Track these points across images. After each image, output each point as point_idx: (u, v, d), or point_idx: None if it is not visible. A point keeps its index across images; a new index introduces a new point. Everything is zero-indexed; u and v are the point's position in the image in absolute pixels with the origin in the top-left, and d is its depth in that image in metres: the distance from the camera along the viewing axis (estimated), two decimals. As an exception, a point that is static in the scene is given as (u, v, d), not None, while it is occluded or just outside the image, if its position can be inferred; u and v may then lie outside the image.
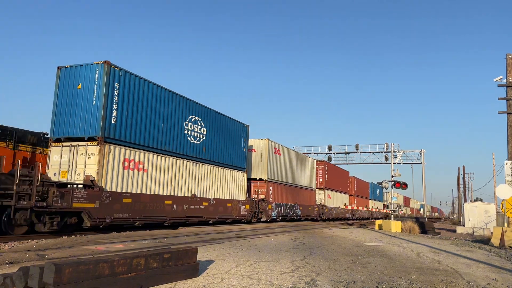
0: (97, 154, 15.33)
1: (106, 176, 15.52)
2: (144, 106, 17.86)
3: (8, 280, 5.03)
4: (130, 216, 16.38)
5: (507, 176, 21.27)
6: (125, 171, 16.47)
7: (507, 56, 22.24)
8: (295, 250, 11.61)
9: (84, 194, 14.43)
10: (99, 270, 5.25)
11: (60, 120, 16.44)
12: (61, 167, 15.84)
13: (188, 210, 20.16)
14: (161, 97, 18.96)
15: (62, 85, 16.65)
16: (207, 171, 22.29)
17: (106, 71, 15.83)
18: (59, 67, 16.83)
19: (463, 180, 62.25)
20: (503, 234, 17.38)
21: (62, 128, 16.32)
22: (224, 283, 6.57)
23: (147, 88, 18.12)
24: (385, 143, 53.22)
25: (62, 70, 16.75)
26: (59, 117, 16.48)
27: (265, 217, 28.84)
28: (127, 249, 10.34)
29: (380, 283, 7.16)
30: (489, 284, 7.69)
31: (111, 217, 15.48)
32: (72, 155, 15.82)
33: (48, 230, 13.61)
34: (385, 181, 29.87)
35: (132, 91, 17.19)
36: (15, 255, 8.94)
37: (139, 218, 16.86)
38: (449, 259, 11.33)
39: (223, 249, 11.02)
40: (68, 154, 15.90)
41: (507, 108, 21.98)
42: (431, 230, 29.88)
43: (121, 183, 16.24)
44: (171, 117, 19.56)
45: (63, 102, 16.50)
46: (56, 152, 16.20)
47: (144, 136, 17.79)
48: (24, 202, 12.71)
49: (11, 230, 13.12)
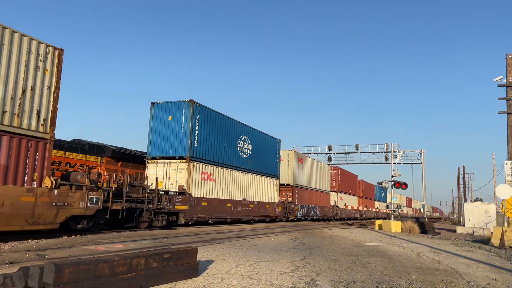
0: (186, 169, 20.76)
1: (192, 185, 20.85)
2: (213, 131, 23.23)
3: (8, 280, 5.03)
4: (206, 216, 21.69)
5: (507, 176, 21.24)
6: (202, 181, 21.82)
7: (507, 56, 22.22)
8: (295, 250, 11.60)
9: (181, 199, 19.72)
10: (99, 270, 5.25)
11: (154, 143, 21.71)
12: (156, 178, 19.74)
13: (241, 210, 25.58)
14: (223, 122, 24.40)
15: (155, 116, 21.91)
16: (252, 179, 27.84)
17: (190, 107, 21.21)
18: (152, 102, 22.09)
19: (463, 180, 62.25)
20: (503, 234, 17.37)
21: (157, 149, 21.58)
22: (224, 283, 6.57)
23: (215, 117, 23.49)
24: (385, 143, 53.15)
25: (155, 106, 22.01)
26: (154, 140, 21.76)
27: (292, 216, 33.60)
28: (127, 249, 10.34)
29: (380, 283, 7.16)
30: (489, 284, 7.69)
31: (195, 216, 20.77)
32: (165, 170, 21.19)
33: (160, 225, 18.63)
34: (385, 181, 29.85)
35: (206, 120, 22.58)
36: (15, 255, 8.94)
37: (212, 217, 22.23)
38: (449, 259, 11.33)
39: (223, 249, 11.02)
40: (162, 169, 21.24)
41: (507, 108, 21.97)
42: (431, 230, 29.86)
43: (200, 191, 21.54)
44: (229, 137, 25.02)
45: (157, 129, 21.80)
46: (152, 167, 21.57)
47: (213, 154, 23.11)
48: (150, 206, 17.71)
49: (138, 225, 17.75)
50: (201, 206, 21.23)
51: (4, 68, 12.05)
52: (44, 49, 13.44)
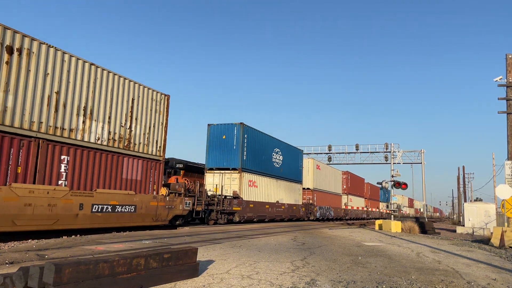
0: (238, 178, 26.21)
1: (242, 191, 26.18)
2: (256, 146, 28.57)
3: (8, 280, 5.03)
4: (252, 215, 27.28)
5: (507, 176, 21.23)
6: (249, 187, 27.14)
7: (507, 56, 22.21)
8: (295, 250, 11.60)
9: (236, 202, 25.30)
10: (99, 270, 5.25)
11: (211, 157, 27.04)
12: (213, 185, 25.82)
13: (275, 211, 30.94)
14: (263, 139, 29.85)
15: (212, 135, 27.14)
16: (282, 185, 32.93)
17: (241, 128, 26.58)
18: (209, 124, 27.56)
19: (463, 180, 62.24)
20: (503, 234, 17.37)
21: (214, 162, 26.96)
22: (224, 283, 6.57)
23: (257, 135, 28.96)
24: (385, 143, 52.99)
25: (211, 127, 27.43)
26: (211, 155, 27.07)
27: (312, 216, 38.57)
28: (127, 249, 10.34)
29: (380, 283, 7.16)
30: (489, 284, 7.69)
31: (246, 216, 26.30)
32: (221, 178, 26.55)
33: (223, 222, 24.10)
34: (385, 181, 29.84)
35: (251, 138, 27.86)
36: (15, 255, 8.94)
37: (256, 216, 27.76)
38: (449, 259, 11.33)
39: (223, 249, 11.02)
40: (218, 178, 26.63)
41: (507, 108, 21.96)
42: (431, 230, 29.85)
43: (247, 195, 26.94)
44: (267, 151, 30.44)
45: (213, 145, 26.97)
46: (209, 176, 26.92)
47: (256, 165, 28.51)
48: (218, 207, 23.62)
49: (208, 222, 23.54)
50: (249, 207, 26.78)
51: (140, 113, 17.59)
52: (160, 96, 18.84)
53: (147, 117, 17.97)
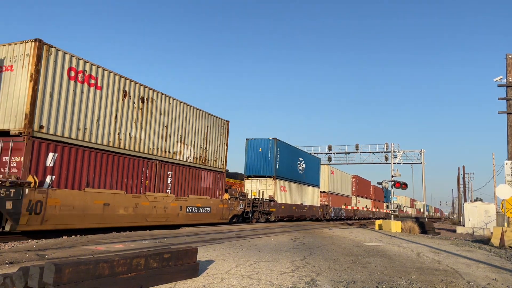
0: (272, 184, 31.04)
1: (276, 195, 30.99)
2: (286, 157, 33.47)
3: (8, 280, 5.02)
4: (284, 215, 32.10)
5: (507, 176, 21.23)
6: (280, 192, 31.95)
7: (507, 56, 22.21)
8: (295, 250, 11.60)
9: (272, 204, 30.05)
10: (99, 270, 5.25)
11: (249, 166, 31.89)
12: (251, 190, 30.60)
13: (300, 211, 35.55)
14: (291, 150, 35.03)
15: (249, 148, 32.05)
16: (305, 189, 37.75)
17: (275, 142, 31.61)
18: (247, 139, 32.69)
19: (463, 180, 62.22)
20: (503, 234, 17.37)
21: (251, 170, 31.79)
22: (224, 283, 6.57)
23: (287, 147, 34.06)
24: (385, 143, 53.02)
25: (249, 141, 32.33)
26: (249, 164, 31.90)
27: (328, 216, 43.26)
28: (127, 249, 10.33)
29: (380, 283, 7.16)
30: (489, 284, 7.69)
31: (279, 215, 31.08)
32: (258, 184, 31.32)
33: (263, 221, 29.06)
34: (385, 181, 29.84)
35: (282, 150, 32.70)
36: (15, 255, 8.94)
37: (286, 216, 32.55)
38: (449, 259, 11.33)
39: (223, 249, 11.02)
40: (256, 184, 31.33)
41: (507, 108, 21.95)
42: (431, 230, 29.86)
43: (280, 198, 31.65)
44: (293, 160, 35.32)
45: (251, 156, 31.82)
46: (248, 182, 31.64)
47: (286, 172, 33.42)
48: (261, 208, 28.88)
49: (251, 221, 27.85)
50: (281, 208, 31.61)
51: (211, 137, 23.07)
52: (223, 122, 24.53)
53: (215, 139, 23.64)
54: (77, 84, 14.69)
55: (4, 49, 13.90)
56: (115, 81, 16.39)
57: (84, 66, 15.00)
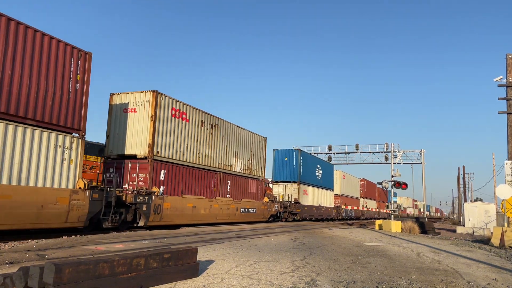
0: (297, 189, 36.09)
1: (299, 197, 36.02)
2: (307, 164, 38.49)
3: (8, 280, 5.02)
4: (306, 215, 37.00)
5: (507, 176, 21.21)
6: (303, 195, 36.91)
7: (507, 56, 22.20)
8: (295, 250, 11.60)
9: (297, 206, 34.80)
10: (99, 270, 5.25)
11: (276, 173, 37.11)
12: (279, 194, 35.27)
13: (318, 212, 40.51)
14: (311, 159, 40.55)
15: (276, 157, 37.19)
16: (321, 192, 42.59)
17: (299, 153, 36.89)
18: (274, 149, 37.74)
19: (463, 180, 62.22)
20: (503, 234, 17.36)
21: (278, 176, 37.00)
22: (224, 283, 6.57)
23: (308, 156, 39.83)
24: (385, 143, 53.03)
25: (276, 151, 37.39)
26: (276, 171, 37.07)
27: (340, 216, 48.00)
28: (127, 249, 10.33)
29: (380, 283, 7.15)
30: (489, 284, 7.69)
31: (303, 215, 36.09)
32: (284, 188, 36.39)
33: (291, 220, 33.71)
34: (385, 181, 29.82)
35: (304, 159, 37.97)
36: (15, 255, 8.93)
37: (308, 216, 37.34)
38: (449, 259, 11.32)
39: (223, 249, 11.01)
40: (282, 188, 36.45)
41: (507, 108, 21.95)
42: (431, 230, 29.83)
43: (303, 201, 36.63)
44: (313, 167, 40.29)
45: (278, 165, 37.03)
46: (275, 187, 36.80)
47: (308, 178, 38.55)
48: (289, 209, 33.44)
49: (281, 220, 32.70)
50: (304, 209, 36.39)
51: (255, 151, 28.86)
52: (262, 138, 30.52)
53: (257, 152, 29.41)
54: (175, 119, 20.07)
55: (127, 96, 19.14)
56: (196, 114, 21.88)
57: (179, 105, 20.33)
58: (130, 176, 18.20)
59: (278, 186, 36.41)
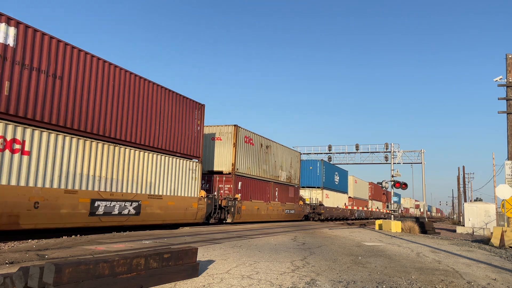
0: (321, 193, 41.98)
1: (323, 200, 41.89)
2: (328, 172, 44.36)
3: (8, 280, 5.02)
4: (328, 216, 42.59)
5: (507, 176, 21.21)
6: (325, 198, 42.56)
7: (507, 56, 22.19)
8: (295, 250, 11.60)
9: (322, 207, 41.19)
10: (99, 270, 5.25)
11: (303, 179, 41.28)
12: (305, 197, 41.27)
13: (336, 213, 45.89)
14: (331, 167, 46.43)
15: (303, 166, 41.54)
16: (339, 195, 48.15)
17: (322, 163, 42.94)
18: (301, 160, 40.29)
19: (463, 180, 62.23)
20: (503, 234, 17.36)
21: (305, 182, 41.94)
22: (224, 283, 6.57)
23: (329, 165, 45.97)
24: (385, 143, 52.99)
25: (302, 162, 41.36)
26: (303, 178, 41.22)
27: (353, 216, 53.12)
28: (127, 249, 10.34)
29: (380, 283, 7.16)
30: (489, 284, 7.69)
31: (326, 216, 41.72)
32: (310, 193, 42.05)
33: (316, 219, 40.41)
34: (385, 181, 29.84)
35: (326, 168, 43.99)
36: (15, 255, 8.94)
37: (329, 216, 43.22)
38: (449, 259, 11.33)
39: (223, 249, 11.01)
40: (308, 193, 41.99)
41: (507, 108, 21.94)
42: (431, 230, 29.82)
43: (325, 203, 42.32)
44: (332, 174, 46.25)
45: (304, 173, 41.79)
46: (302, 191, 40.51)
47: (328, 184, 44.20)
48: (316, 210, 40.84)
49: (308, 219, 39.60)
50: (327, 211, 42.13)
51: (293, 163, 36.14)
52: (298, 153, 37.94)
53: (294, 164, 36.12)
54: (246, 144, 27.00)
55: (214, 128, 26.14)
56: (258, 138, 28.91)
57: (248, 134, 27.37)
58: (218, 186, 24.99)
59: (304, 190, 42.16)
